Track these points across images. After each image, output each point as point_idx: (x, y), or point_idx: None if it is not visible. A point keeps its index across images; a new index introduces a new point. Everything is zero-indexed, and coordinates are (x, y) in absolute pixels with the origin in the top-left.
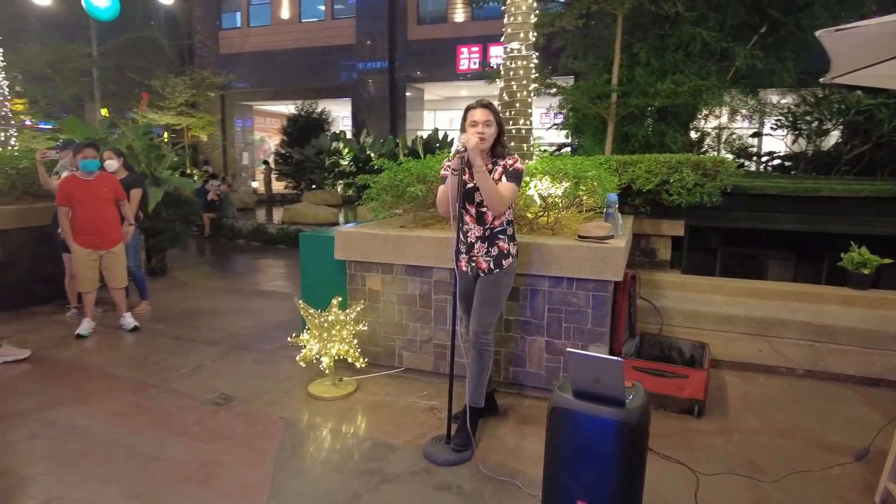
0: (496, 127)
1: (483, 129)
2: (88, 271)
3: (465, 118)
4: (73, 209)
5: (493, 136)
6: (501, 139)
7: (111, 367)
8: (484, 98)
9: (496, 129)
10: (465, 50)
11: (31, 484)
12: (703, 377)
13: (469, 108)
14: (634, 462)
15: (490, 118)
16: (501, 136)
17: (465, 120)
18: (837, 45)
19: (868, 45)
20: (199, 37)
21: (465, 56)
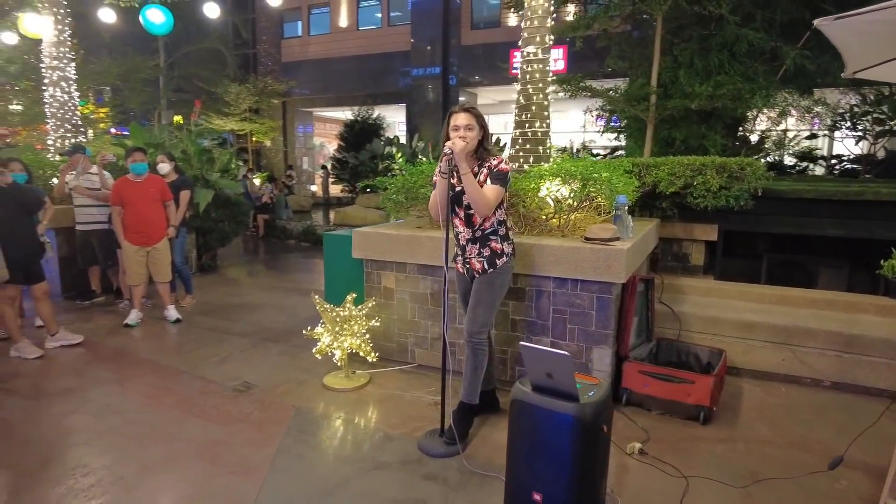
0: (479, 130)
1: (465, 132)
2: (137, 266)
3: (448, 123)
4: (124, 209)
5: (476, 139)
6: (485, 142)
7: (150, 354)
8: (466, 103)
9: (479, 132)
10: (518, 54)
11: (64, 453)
12: (709, 383)
13: (452, 113)
14: (590, 457)
15: (471, 122)
16: (486, 138)
17: (447, 125)
18: (843, 36)
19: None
20: (263, 46)
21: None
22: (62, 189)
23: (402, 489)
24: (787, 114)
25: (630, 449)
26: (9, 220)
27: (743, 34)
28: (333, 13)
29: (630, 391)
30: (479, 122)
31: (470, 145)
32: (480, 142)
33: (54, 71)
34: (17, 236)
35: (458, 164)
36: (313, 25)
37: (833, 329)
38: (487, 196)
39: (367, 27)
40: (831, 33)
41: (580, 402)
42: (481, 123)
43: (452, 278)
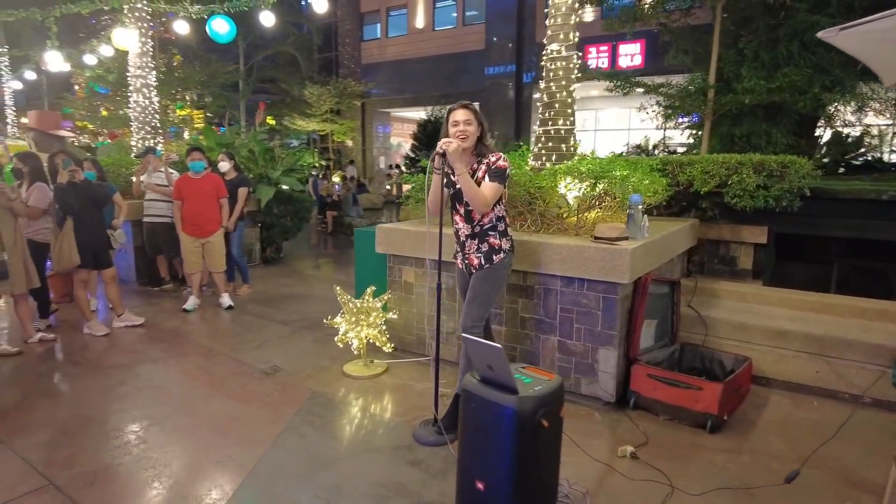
0: (477, 126)
1: (464, 127)
2: (193, 256)
3: (448, 120)
4: (183, 203)
5: (475, 135)
6: (484, 138)
7: (198, 337)
8: (464, 100)
9: (478, 128)
10: (592, 50)
11: (105, 419)
12: (717, 391)
13: (450, 110)
14: (530, 450)
15: (470, 118)
16: (484, 135)
17: (447, 122)
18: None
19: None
20: (346, 48)
21: (594, 56)
22: (138, 187)
23: (385, 472)
24: (867, 108)
25: (621, 452)
26: (81, 213)
27: (815, 21)
28: (410, 14)
29: (638, 394)
30: (478, 119)
31: (467, 142)
32: (480, 137)
33: (137, 79)
34: (87, 227)
35: (453, 164)
36: (391, 27)
37: (878, 341)
38: (485, 194)
39: (443, 27)
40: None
41: (519, 395)
42: (479, 120)
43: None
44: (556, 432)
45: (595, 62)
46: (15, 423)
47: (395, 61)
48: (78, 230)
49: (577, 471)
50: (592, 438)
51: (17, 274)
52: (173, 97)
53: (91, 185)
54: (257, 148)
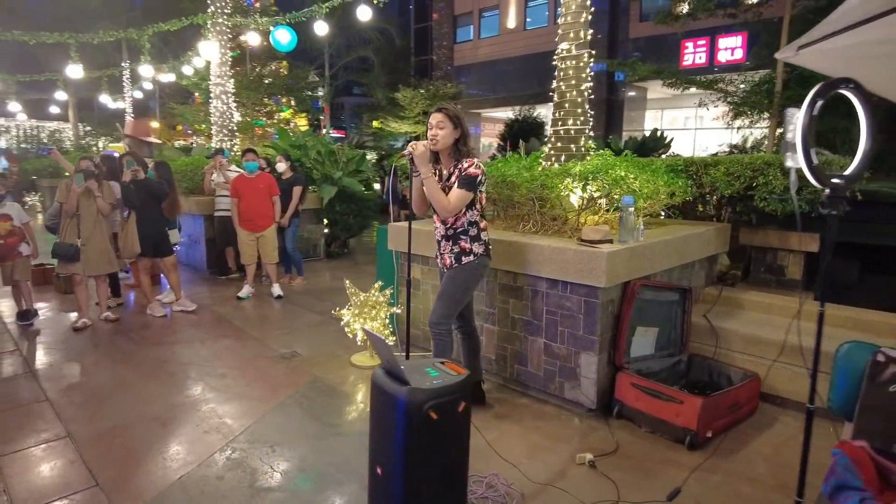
0: (453, 129)
1: (435, 131)
2: (248, 248)
3: None
4: (239, 200)
5: (450, 138)
6: (461, 142)
7: (240, 322)
8: (444, 103)
9: (454, 132)
10: (689, 44)
11: (129, 387)
12: (697, 405)
13: (430, 113)
14: (419, 440)
15: (443, 121)
16: (462, 138)
17: None
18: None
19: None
20: (442, 51)
21: (690, 51)
22: (209, 185)
23: (340, 455)
24: None
25: (580, 459)
26: (142, 207)
27: None
28: (502, 15)
29: (622, 403)
30: (454, 122)
31: (437, 145)
32: (457, 141)
33: (217, 86)
34: (147, 219)
35: (418, 167)
36: (483, 28)
37: None
38: (449, 200)
39: (534, 27)
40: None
41: (410, 387)
42: (456, 123)
43: None
44: (453, 425)
45: (692, 57)
46: (64, 384)
47: (486, 62)
48: (139, 223)
49: (526, 472)
50: (560, 443)
51: (91, 259)
52: (261, 101)
53: (151, 183)
54: (324, 150)
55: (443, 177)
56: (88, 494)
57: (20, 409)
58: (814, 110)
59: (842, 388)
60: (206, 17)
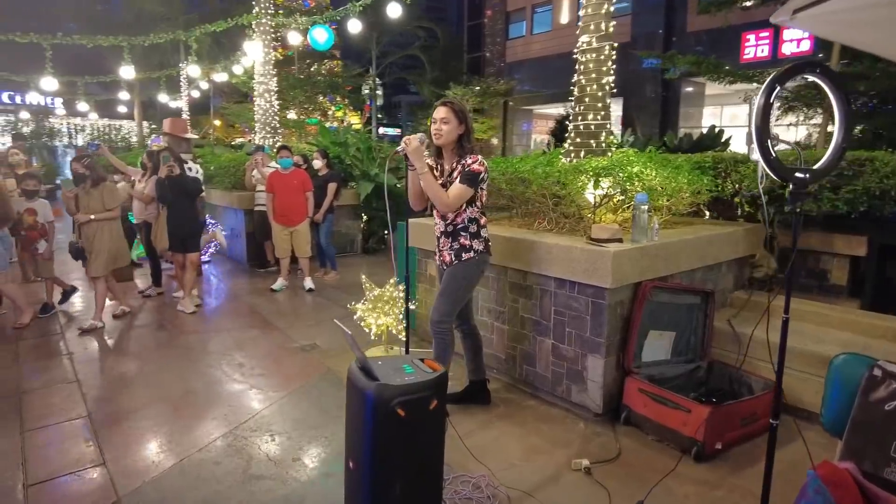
0: (457, 124)
1: (440, 125)
2: (282, 242)
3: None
4: (274, 195)
5: (454, 133)
6: (465, 138)
7: (268, 314)
8: (448, 96)
9: (458, 127)
10: (751, 37)
11: (158, 372)
12: (704, 414)
13: (434, 106)
14: (387, 436)
15: (448, 116)
16: (466, 134)
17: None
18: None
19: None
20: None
21: (752, 43)
22: (250, 181)
23: (336, 447)
24: None
25: (575, 465)
26: (174, 202)
27: None
28: (555, 10)
29: (630, 409)
30: (458, 117)
31: (441, 140)
32: (461, 136)
33: (261, 85)
34: (178, 215)
35: (413, 162)
36: (536, 24)
37: None
38: (448, 195)
39: None
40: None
41: (379, 382)
42: (460, 118)
43: None
44: (424, 423)
45: (754, 50)
46: (94, 367)
47: (538, 58)
48: (170, 218)
49: (518, 474)
50: (559, 447)
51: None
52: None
53: (185, 179)
54: (363, 146)
55: (444, 172)
56: (95, 472)
57: (52, 389)
58: (770, 97)
59: (835, 403)
60: (251, 18)
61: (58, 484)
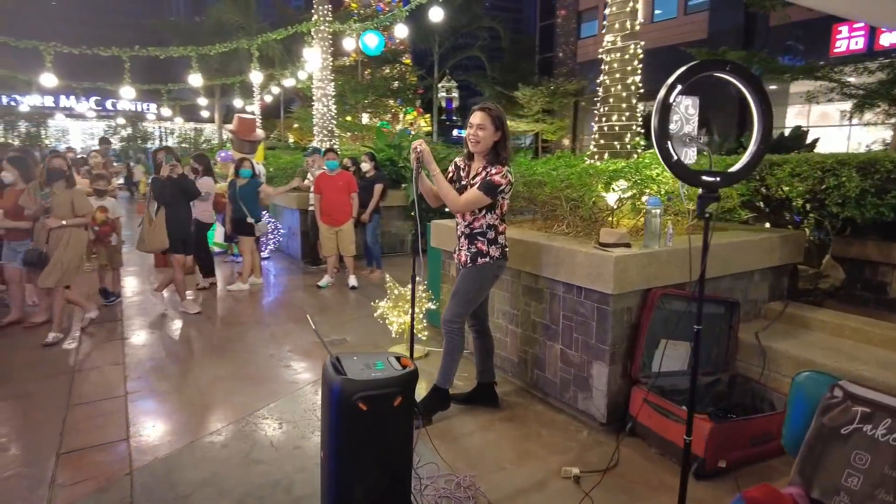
0: (494, 131)
1: (477, 132)
2: (328, 241)
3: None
4: (321, 196)
5: (489, 140)
6: (500, 145)
7: (309, 309)
8: (487, 101)
9: (494, 134)
10: (843, 28)
11: (195, 360)
12: (706, 430)
13: (472, 110)
14: (349, 428)
15: (485, 122)
16: (502, 141)
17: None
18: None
19: None
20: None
21: (844, 35)
22: (306, 182)
23: None
24: None
25: (565, 472)
26: (172, 203)
27: None
28: None
29: (635, 420)
30: (495, 123)
31: (479, 146)
32: (496, 143)
33: (319, 90)
34: (176, 216)
35: (427, 164)
36: None
37: None
38: (460, 196)
39: (663, 19)
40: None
41: (344, 377)
42: (497, 125)
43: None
44: (388, 418)
45: (846, 43)
46: (141, 352)
47: None
48: (169, 219)
49: (506, 478)
50: (555, 453)
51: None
52: (374, 104)
53: (185, 180)
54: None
55: (469, 174)
56: (118, 446)
57: (101, 370)
58: (670, 98)
59: (795, 424)
60: (310, 26)
61: (85, 454)
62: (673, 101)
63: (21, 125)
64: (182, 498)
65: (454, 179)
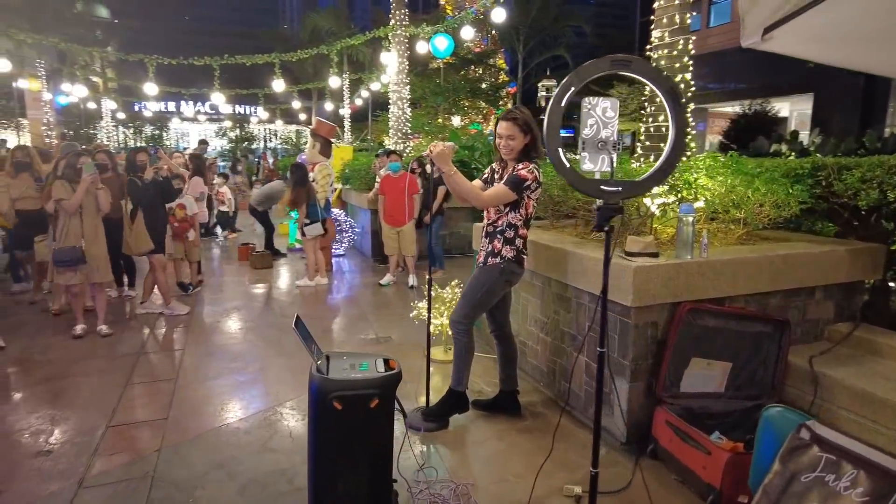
0: (522, 137)
1: (507, 142)
2: (390, 241)
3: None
4: (385, 197)
5: (520, 146)
6: (530, 147)
7: (364, 305)
8: (514, 110)
9: (523, 139)
10: None
11: (246, 349)
12: (722, 459)
13: (498, 119)
14: (325, 427)
15: (513, 132)
16: (531, 143)
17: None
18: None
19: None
20: None
21: None
22: None
23: None
24: None
25: (567, 490)
26: (151, 205)
27: None
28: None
29: (657, 442)
30: (522, 129)
31: (511, 155)
32: (527, 146)
33: (394, 93)
34: (155, 217)
35: (440, 166)
36: (714, 15)
37: None
38: (488, 192)
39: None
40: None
41: (322, 375)
42: (525, 130)
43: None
44: (364, 420)
45: None
46: (200, 338)
47: (714, 52)
48: (148, 220)
49: (505, 490)
50: (565, 470)
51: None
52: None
53: (168, 182)
54: (484, 149)
55: (503, 177)
56: (156, 424)
57: (163, 353)
58: (563, 99)
59: (761, 462)
60: (387, 31)
61: (128, 428)
62: (565, 102)
63: (147, 129)
64: (196, 477)
65: (488, 180)
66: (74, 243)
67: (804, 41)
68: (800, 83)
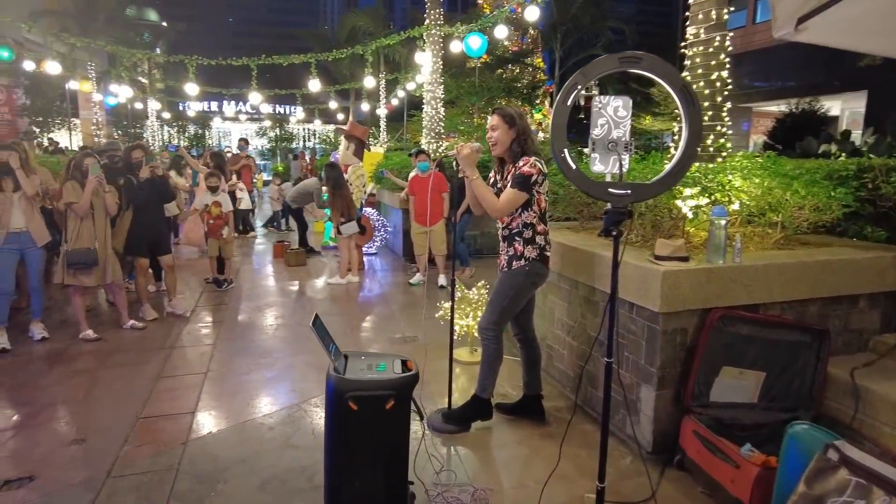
0: (508, 129)
1: (490, 133)
2: (420, 240)
3: None
4: (415, 197)
5: (504, 138)
6: (515, 142)
7: (391, 304)
8: (501, 104)
9: (508, 132)
10: None
11: (276, 346)
12: (752, 473)
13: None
14: (340, 426)
15: (497, 123)
16: (519, 137)
17: None
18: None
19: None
20: None
21: None
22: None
23: None
24: None
25: (587, 500)
26: (145, 206)
27: None
28: None
29: (685, 453)
30: (507, 122)
31: (497, 149)
32: (513, 141)
33: (428, 93)
34: (148, 219)
35: (465, 168)
36: (760, 11)
37: None
38: (499, 200)
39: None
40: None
41: (339, 375)
42: (509, 122)
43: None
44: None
45: None
46: (231, 334)
47: (761, 49)
48: (139, 222)
49: (524, 496)
50: (587, 478)
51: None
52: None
53: (164, 182)
54: None
55: (504, 177)
56: (185, 416)
57: (195, 347)
58: (569, 99)
59: (786, 483)
60: (422, 30)
61: (157, 420)
62: (571, 102)
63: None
64: (219, 471)
65: (493, 184)
66: (88, 245)
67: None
68: (853, 80)
